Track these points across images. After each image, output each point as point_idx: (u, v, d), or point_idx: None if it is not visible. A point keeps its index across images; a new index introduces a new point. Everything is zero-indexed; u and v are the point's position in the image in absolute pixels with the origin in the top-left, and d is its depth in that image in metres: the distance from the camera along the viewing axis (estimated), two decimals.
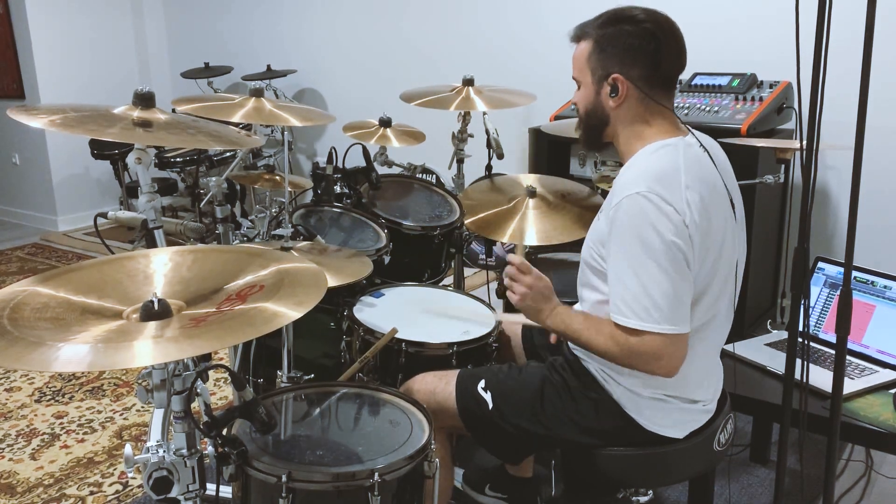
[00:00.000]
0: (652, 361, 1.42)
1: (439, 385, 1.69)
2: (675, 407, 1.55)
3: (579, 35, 1.57)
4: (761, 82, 3.11)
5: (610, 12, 1.53)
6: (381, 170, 2.57)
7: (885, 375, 2.02)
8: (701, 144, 1.52)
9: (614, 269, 1.45)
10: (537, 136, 3.33)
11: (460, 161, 2.74)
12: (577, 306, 1.68)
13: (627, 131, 1.55)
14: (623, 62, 1.49)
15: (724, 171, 1.54)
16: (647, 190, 1.40)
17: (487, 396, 1.64)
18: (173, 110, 1.91)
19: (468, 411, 1.65)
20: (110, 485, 2.40)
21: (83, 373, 3.14)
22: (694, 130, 1.57)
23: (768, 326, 2.42)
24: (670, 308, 1.39)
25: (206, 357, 1.53)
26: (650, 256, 1.39)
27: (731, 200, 1.53)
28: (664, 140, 1.50)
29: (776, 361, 2.07)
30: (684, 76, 2.52)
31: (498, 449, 1.72)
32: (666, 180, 1.41)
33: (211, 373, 2.91)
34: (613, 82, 1.50)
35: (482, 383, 1.66)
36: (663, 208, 1.39)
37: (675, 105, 2.23)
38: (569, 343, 1.68)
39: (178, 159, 4.49)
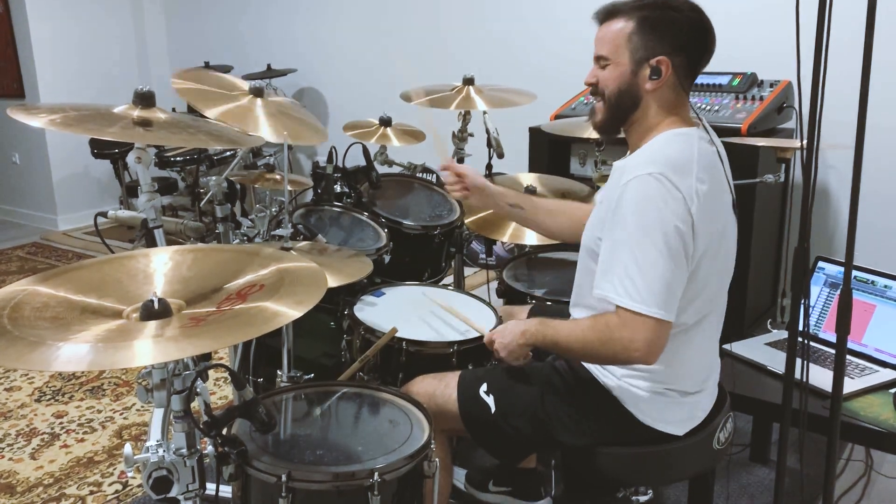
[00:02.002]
0: (631, 345, 1.40)
1: (439, 387, 1.69)
2: (673, 401, 1.55)
3: (612, 13, 1.53)
4: (761, 81, 3.11)
5: None
6: (382, 169, 2.57)
7: (885, 375, 2.02)
8: (711, 140, 1.53)
9: (611, 246, 1.44)
10: (537, 135, 3.33)
11: (460, 160, 2.74)
12: (573, 297, 1.68)
13: (650, 118, 1.53)
14: (672, 46, 1.47)
15: (727, 169, 1.56)
16: (660, 173, 1.40)
17: (490, 400, 1.64)
18: (173, 109, 1.90)
19: (471, 415, 1.65)
20: (110, 484, 2.40)
21: (83, 372, 3.14)
22: (705, 123, 1.57)
23: (768, 326, 2.42)
24: (663, 293, 1.38)
25: (206, 356, 1.53)
26: (651, 239, 1.38)
27: (733, 199, 1.53)
28: (680, 129, 1.50)
29: (776, 361, 2.07)
30: None
31: (499, 451, 1.71)
32: (679, 167, 1.42)
33: (211, 372, 2.91)
34: (657, 64, 1.48)
35: (484, 387, 1.66)
36: (672, 193, 1.39)
37: None
38: None
39: (178, 158, 4.49)
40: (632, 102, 1.53)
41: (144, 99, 1.57)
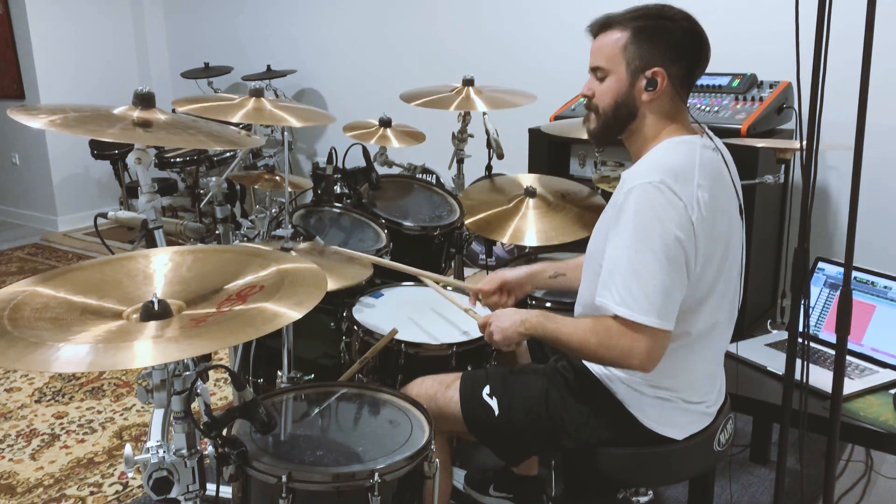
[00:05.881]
0: (630, 353, 1.40)
1: (440, 390, 1.68)
2: (677, 407, 1.55)
3: (606, 24, 1.53)
4: (761, 82, 3.11)
5: (644, 7, 1.51)
6: (381, 170, 2.58)
7: (885, 376, 2.02)
8: (715, 147, 1.52)
9: (612, 255, 1.43)
10: (537, 136, 3.33)
11: (460, 161, 2.74)
12: (577, 304, 1.68)
13: (648, 127, 1.53)
14: (666, 57, 1.47)
15: (734, 174, 1.54)
16: (660, 181, 1.39)
17: (493, 402, 1.63)
18: (173, 110, 1.91)
19: (474, 417, 1.64)
20: (110, 485, 2.40)
21: (83, 373, 3.14)
22: (708, 131, 1.57)
23: (768, 326, 2.42)
24: (661, 302, 1.38)
25: (206, 357, 1.53)
26: (650, 248, 1.38)
27: (740, 205, 1.52)
28: (682, 137, 1.50)
29: (776, 361, 2.07)
30: None
31: (504, 452, 1.71)
32: (680, 175, 1.41)
33: (211, 373, 2.91)
34: (653, 76, 1.48)
35: (487, 389, 1.65)
36: (672, 201, 1.38)
37: None
38: None
39: (178, 159, 4.49)
40: (628, 113, 1.53)
41: (144, 100, 1.57)
